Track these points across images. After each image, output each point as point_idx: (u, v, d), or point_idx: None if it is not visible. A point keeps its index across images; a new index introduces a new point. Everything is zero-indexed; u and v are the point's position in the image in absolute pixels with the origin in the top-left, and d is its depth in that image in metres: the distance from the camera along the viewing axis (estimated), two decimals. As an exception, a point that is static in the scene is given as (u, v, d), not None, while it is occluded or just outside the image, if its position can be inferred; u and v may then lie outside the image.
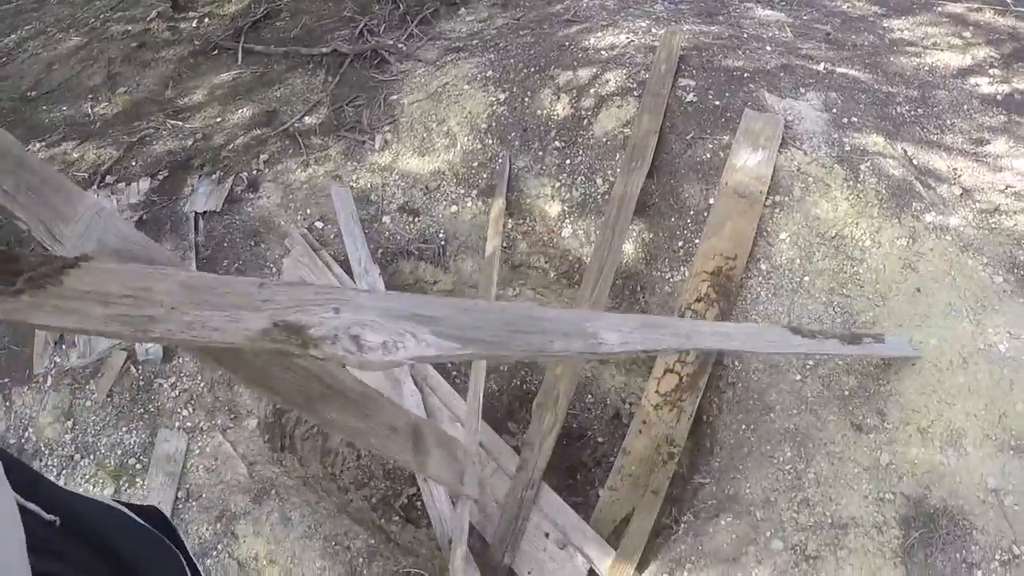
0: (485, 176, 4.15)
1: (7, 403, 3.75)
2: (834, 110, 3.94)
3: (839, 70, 4.25)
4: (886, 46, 4.63)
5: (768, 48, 4.49)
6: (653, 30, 4.69)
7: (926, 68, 4.37)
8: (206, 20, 6.12)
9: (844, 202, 3.50)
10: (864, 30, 4.84)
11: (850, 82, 4.15)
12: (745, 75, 4.16)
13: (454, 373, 4.26)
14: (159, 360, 3.73)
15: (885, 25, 4.93)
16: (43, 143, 5.10)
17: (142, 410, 3.63)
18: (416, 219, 4.17)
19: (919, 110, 4.00)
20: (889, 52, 4.54)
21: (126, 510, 1.15)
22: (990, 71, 4.33)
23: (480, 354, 1.45)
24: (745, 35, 4.68)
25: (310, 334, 1.19)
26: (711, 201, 3.67)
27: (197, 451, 3.52)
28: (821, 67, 4.26)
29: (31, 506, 0.89)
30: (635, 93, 4.13)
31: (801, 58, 4.38)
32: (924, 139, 3.82)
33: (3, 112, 5.60)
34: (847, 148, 3.70)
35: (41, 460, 3.58)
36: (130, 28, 6.35)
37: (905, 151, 3.73)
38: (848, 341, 2.78)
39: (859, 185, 3.53)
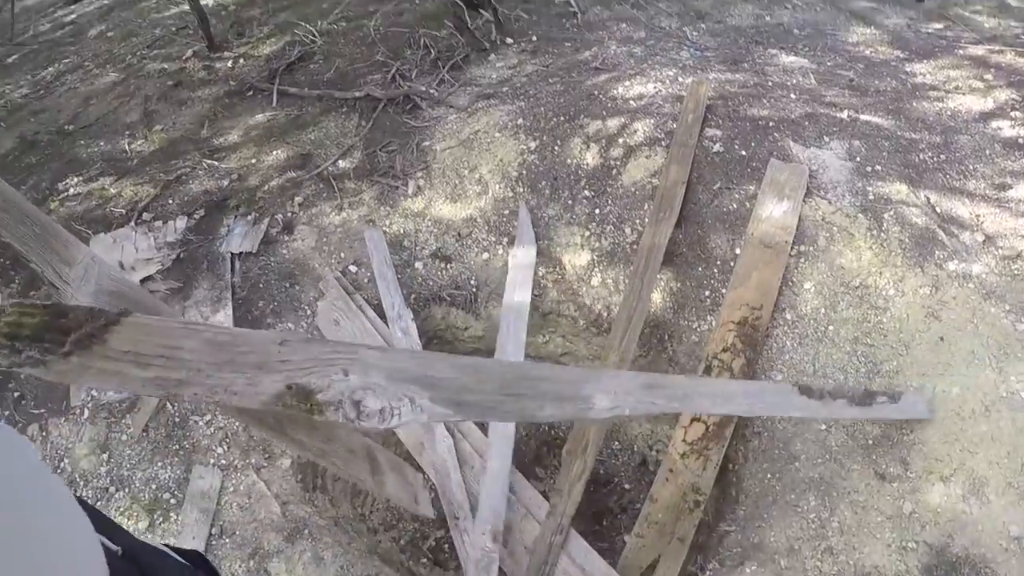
0: (516, 225, 4.27)
1: (44, 433, 3.87)
2: (858, 158, 4.05)
3: (862, 117, 4.36)
4: (908, 91, 4.74)
5: (792, 96, 4.61)
6: (680, 79, 4.82)
7: (948, 113, 4.47)
8: (241, 61, 6.28)
9: (868, 251, 3.60)
10: (887, 75, 4.96)
11: (873, 129, 4.26)
12: (770, 124, 4.28)
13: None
14: None
15: (907, 70, 5.05)
16: (80, 177, 5.26)
17: (177, 446, 3.74)
18: (448, 265, 4.29)
19: (941, 156, 4.10)
20: (912, 97, 4.65)
21: (174, 553, 1.26)
22: (1012, 114, 4.43)
23: (471, 418, 1.58)
24: (770, 83, 4.81)
25: (317, 399, 1.34)
26: (737, 251, 3.78)
27: (231, 489, 3.63)
28: (845, 115, 4.37)
29: (99, 536, 0.98)
30: (663, 143, 4.25)
31: (825, 106, 4.49)
32: (947, 186, 3.92)
33: (41, 145, 5.75)
34: (871, 197, 3.81)
35: (76, 491, 3.66)
36: (166, 66, 6.53)
37: (928, 198, 3.82)
38: (857, 402, 2.85)
39: (882, 234, 3.64)
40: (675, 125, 4.31)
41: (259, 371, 1.36)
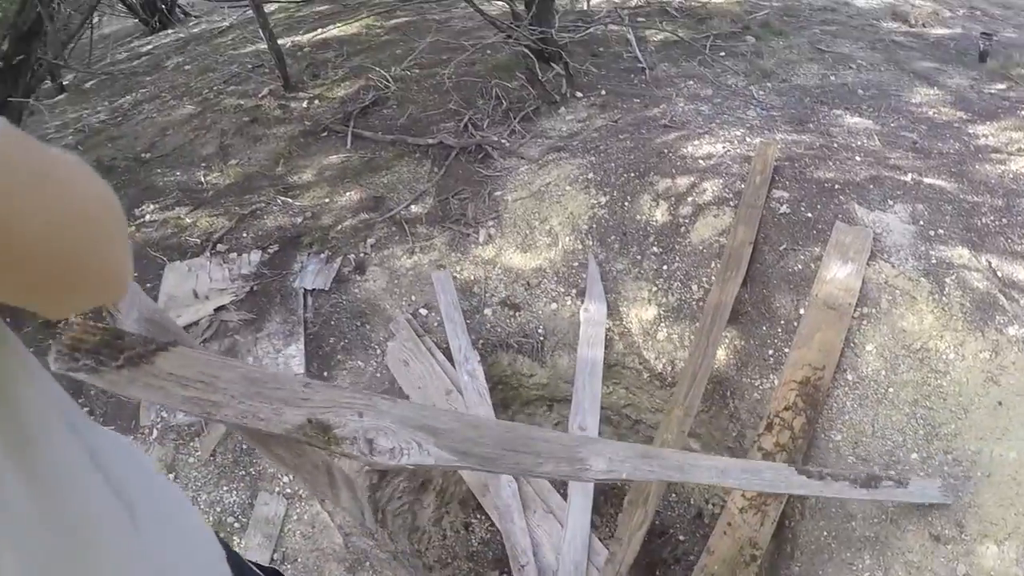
0: (585, 277, 4.43)
1: (112, 451, 4.05)
2: (921, 222, 4.17)
3: (926, 180, 4.48)
4: (971, 153, 4.85)
5: (857, 158, 4.75)
6: (747, 139, 4.98)
7: (1010, 176, 4.57)
8: (316, 102, 6.53)
9: (929, 315, 3.71)
10: (950, 137, 5.08)
11: (936, 193, 4.38)
12: (836, 187, 4.42)
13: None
14: None
15: (970, 131, 5.17)
16: (157, 205, 5.47)
17: (243, 472, 3.89)
18: (516, 314, 4.45)
19: (1003, 220, 4.19)
20: (974, 159, 4.76)
21: (255, 568, 1.44)
22: (1073, 176, 4.52)
23: (474, 467, 1.76)
24: (835, 144, 4.95)
25: (335, 433, 1.53)
26: (801, 312, 3.91)
27: (295, 517, 3.77)
28: (908, 178, 4.49)
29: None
30: (731, 203, 4.41)
31: (889, 168, 4.62)
32: (1008, 250, 4.01)
33: (118, 170, 5.97)
34: (933, 261, 3.92)
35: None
36: (242, 103, 6.79)
37: (989, 263, 3.92)
38: (862, 484, 2.94)
39: (944, 298, 3.74)
40: (743, 185, 4.47)
41: (284, 404, 1.56)
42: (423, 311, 4.46)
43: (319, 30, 8.63)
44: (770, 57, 6.71)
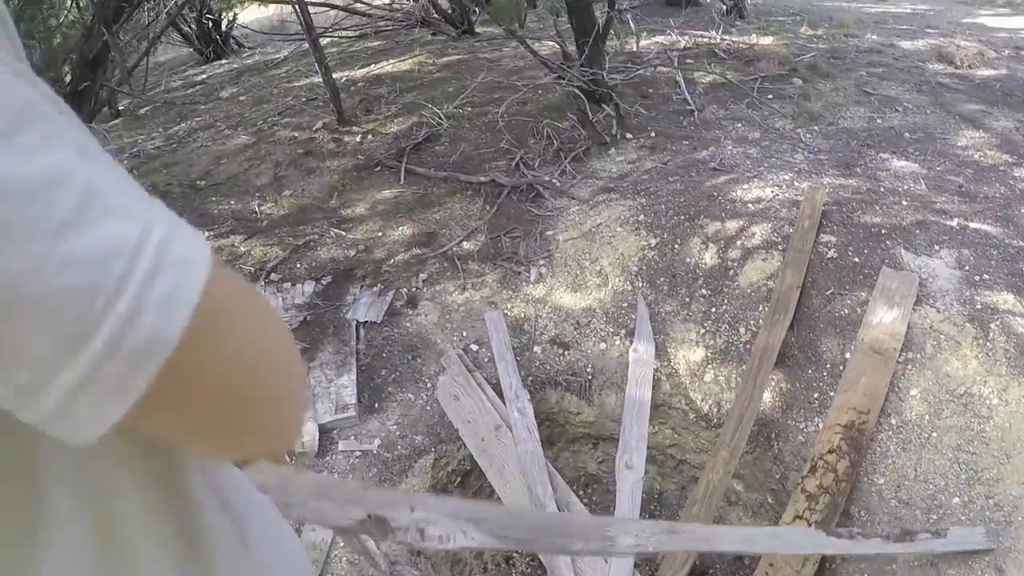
0: (634, 317, 4.52)
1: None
2: (966, 267, 4.21)
3: (971, 225, 4.53)
4: (1017, 197, 4.91)
5: (904, 202, 4.81)
6: (795, 183, 5.06)
7: (1056, 219, 4.62)
8: (369, 137, 6.68)
9: (974, 360, 3.76)
10: (995, 180, 5.14)
11: (982, 237, 4.42)
12: (882, 232, 4.48)
13: (595, 499, 4.62)
14: (313, 454, 4.12)
15: (1016, 174, 5.23)
16: (212, 233, 5.60)
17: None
18: (566, 352, 4.54)
19: (1048, 264, 4.24)
20: (1020, 203, 4.82)
21: None
22: (1123, 222, 4.56)
23: (511, 547, 1.92)
24: (882, 188, 5.01)
25: (390, 525, 1.69)
26: (847, 356, 3.97)
27: (342, 544, 3.85)
28: (954, 222, 4.54)
29: None
30: (779, 247, 4.49)
31: (935, 213, 4.67)
32: (1053, 295, 4.06)
33: (173, 196, 6.11)
34: (978, 306, 3.96)
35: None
36: (296, 135, 6.96)
37: (1034, 308, 3.97)
38: (896, 539, 3.00)
39: (988, 343, 3.78)
40: (791, 230, 4.55)
41: (347, 503, 1.73)
42: (474, 347, 4.56)
43: (372, 66, 8.83)
44: (817, 100, 6.80)
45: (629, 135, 6.11)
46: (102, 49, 6.27)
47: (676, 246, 4.71)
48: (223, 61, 12.11)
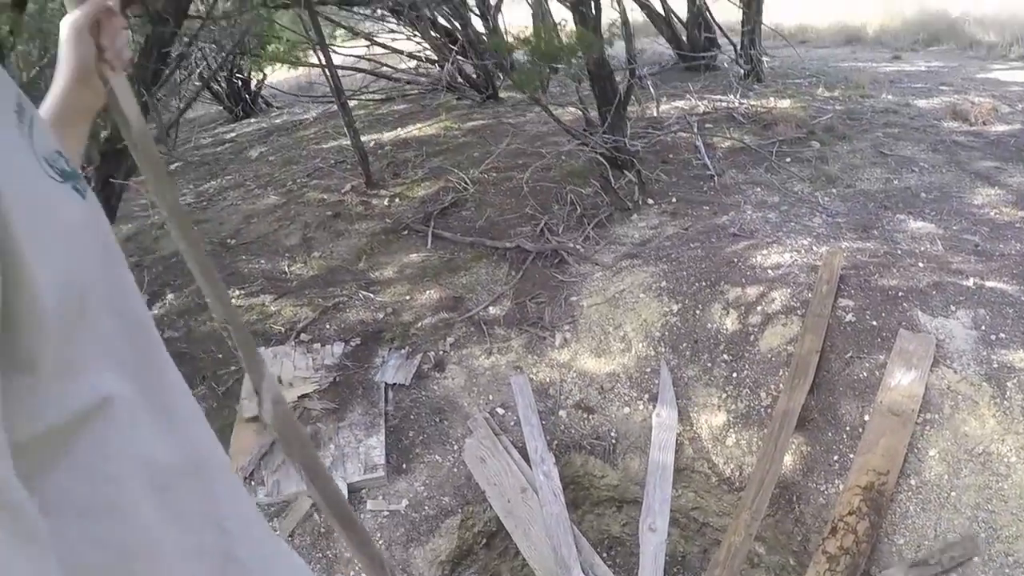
0: (657, 383, 4.60)
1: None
2: (983, 327, 4.25)
3: (988, 284, 4.57)
4: (1032, 253, 4.96)
5: (920, 264, 4.87)
6: (814, 248, 5.14)
7: (1073, 275, 4.66)
8: (397, 200, 6.82)
9: (991, 419, 3.79)
10: (1011, 237, 5.19)
11: (998, 296, 4.46)
12: (899, 294, 4.54)
13: (619, 561, 4.67)
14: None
15: (1031, 231, 5.28)
16: (242, 291, 5.73)
17: (320, 555, 3.99)
18: (590, 416, 4.60)
19: (1066, 321, 4.28)
20: (1036, 259, 4.87)
21: None
22: None
23: None
24: (899, 251, 5.08)
25: None
26: (866, 418, 4.02)
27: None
28: (971, 282, 4.58)
29: None
30: (798, 312, 4.56)
31: (951, 273, 4.72)
32: (1070, 353, 4.09)
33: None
34: (995, 365, 3.99)
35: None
36: (325, 197, 7.10)
37: (1050, 365, 4.01)
38: None
39: (1006, 402, 3.82)
40: (810, 295, 4.62)
41: None
42: (500, 410, 4.63)
43: (399, 129, 9.00)
44: (835, 162, 6.88)
45: (651, 201, 6.21)
46: (141, 108, 6.46)
47: (698, 312, 4.79)
48: (252, 120, 12.32)
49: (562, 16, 8.00)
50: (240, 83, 12.70)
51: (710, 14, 10.49)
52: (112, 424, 0.84)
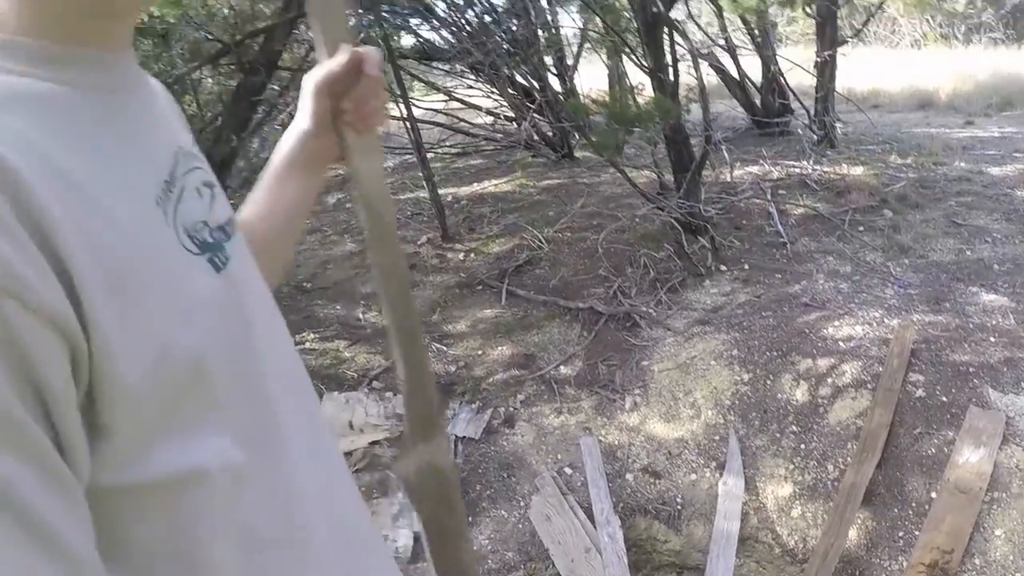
0: (724, 451, 4.61)
1: None
2: (1054, 406, 4.23)
3: (1060, 361, 4.55)
4: (1107, 327, 4.90)
5: (992, 339, 4.84)
6: (885, 320, 5.13)
7: None
8: (472, 255, 6.92)
9: (1060, 500, 3.78)
10: (1084, 307, 5.13)
11: (1071, 374, 4.43)
12: (970, 370, 4.52)
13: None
14: (406, 560, 4.14)
15: (1107, 303, 5.21)
16: (317, 335, 5.84)
17: None
18: (657, 481, 4.61)
19: None
20: (1110, 334, 4.81)
21: None
22: None
23: None
24: (971, 324, 5.04)
25: None
26: (933, 495, 4.00)
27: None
28: (1042, 358, 4.57)
29: None
30: (869, 386, 4.55)
31: (1023, 348, 4.71)
32: None
33: (281, 296, 6.36)
34: (1064, 443, 3.98)
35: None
36: (401, 248, 7.21)
37: (1121, 443, 3.96)
38: None
39: (1076, 484, 3.80)
40: (881, 368, 4.62)
41: None
42: (568, 470, 4.67)
43: (475, 184, 9.13)
44: (907, 231, 6.85)
45: (724, 267, 6.25)
46: (230, 154, 6.67)
47: (768, 382, 4.80)
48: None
49: (639, 80, 8.12)
50: (320, 129, 12.88)
51: (784, 79, 10.52)
52: (211, 490, 0.83)
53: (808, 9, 9.47)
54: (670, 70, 6.37)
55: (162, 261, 0.79)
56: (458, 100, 11.18)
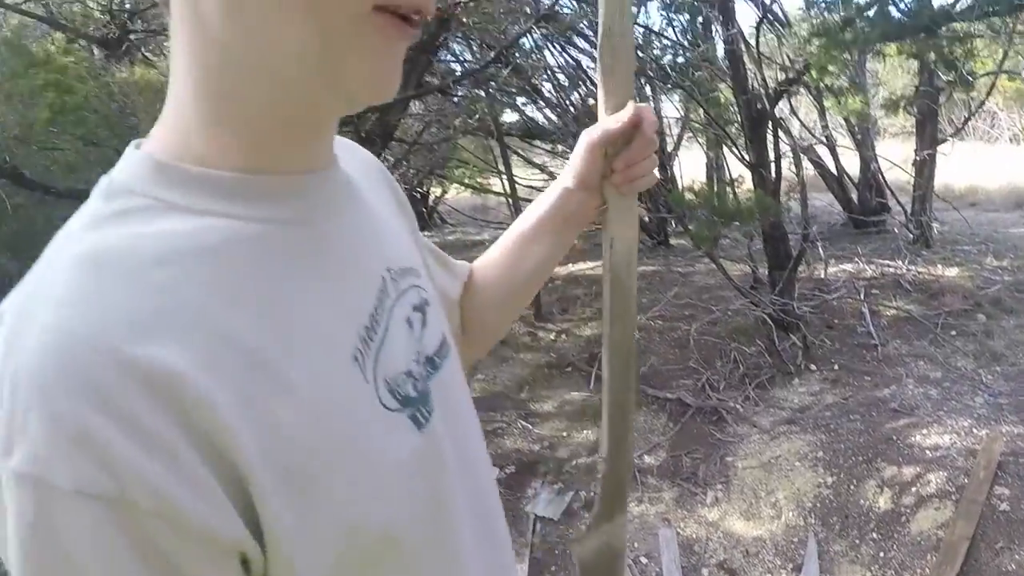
0: (802, 553, 4.56)
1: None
2: None
3: None
4: None
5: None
6: (974, 430, 5.08)
7: None
8: (563, 336, 7.02)
9: None
10: None
11: None
12: (1058, 486, 4.46)
13: None
14: None
15: None
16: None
17: None
18: (733, 578, 4.63)
19: None
20: None
21: None
22: None
23: None
24: (1063, 432, 4.97)
25: None
26: (1011, 612, 3.95)
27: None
28: None
29: None
30: (952, 497, 4.50)
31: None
32: None
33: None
34: None
35: None
36: (493, 324, 7.33)
37: None
38: None
39: None
40: (966, 479, 4.56)
41: None
42: (643, 559, 4.66)
43: (570, 265, 9.23)
44: (1000, 338, 6.74)
45: (813, 366, 6.23)
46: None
47: (851, 487, 4.77)
48: (426, 233, 12.72)
49: (739, 171, 8.17)
50: (419, 196, 13.09)
51: (882, 176, 10.48)
52: None
53: (909, 109, 9.45)
54: (772, 166, 6.44)
55: (355, 435, 0.71)
56: (555, 177, 11.25)
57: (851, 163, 10.75)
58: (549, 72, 8.70)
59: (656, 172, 1.19)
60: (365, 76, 0.69)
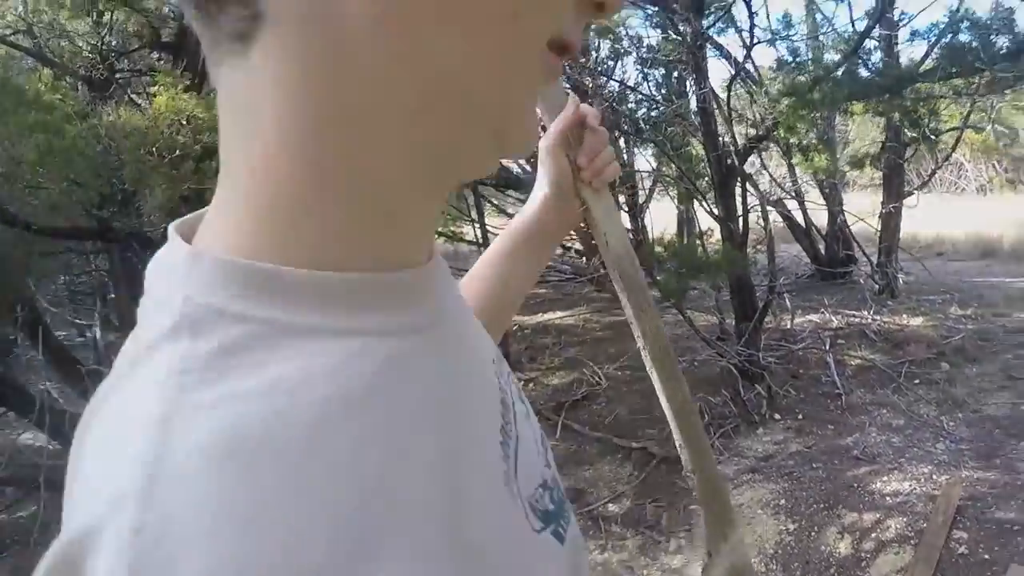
0: (768, 605, 4.59)
1: None
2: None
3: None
4: None
5: (1038, 495, 4.81)
6: (934, 476, 5.12)
7: None
8: (531, 385, 7.03)
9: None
10: None
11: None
12: (1015, 528, 4.49)
13: None
14: None
15: None
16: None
17: None
18: (698, 626, 4.62)
19: None
20: None
21: None
22: None
23: None
24: (1019, 482, 5.00)
25: None
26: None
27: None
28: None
29: None
30: (912, 541, 4.53)
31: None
32: None
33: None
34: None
35: None
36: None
37: None
38: None
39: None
40: (925, 524, 4.59)
41: None
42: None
43: (540, 314, 9.28)
44: (963, 385, 6.80)
45: (778, 415, 6.26)
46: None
47: (813, 533, 4.79)
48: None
49: (708, 224, 8.23)
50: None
51: (849, 230, 10.60)
52: None
53: (876, 164, 9.60)
54: (740, 220, 6.51)
55: (518, 555, 0.57)
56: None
57: (819, 216, 10.88)
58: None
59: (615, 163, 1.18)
60: (526, 124, 0.55)
